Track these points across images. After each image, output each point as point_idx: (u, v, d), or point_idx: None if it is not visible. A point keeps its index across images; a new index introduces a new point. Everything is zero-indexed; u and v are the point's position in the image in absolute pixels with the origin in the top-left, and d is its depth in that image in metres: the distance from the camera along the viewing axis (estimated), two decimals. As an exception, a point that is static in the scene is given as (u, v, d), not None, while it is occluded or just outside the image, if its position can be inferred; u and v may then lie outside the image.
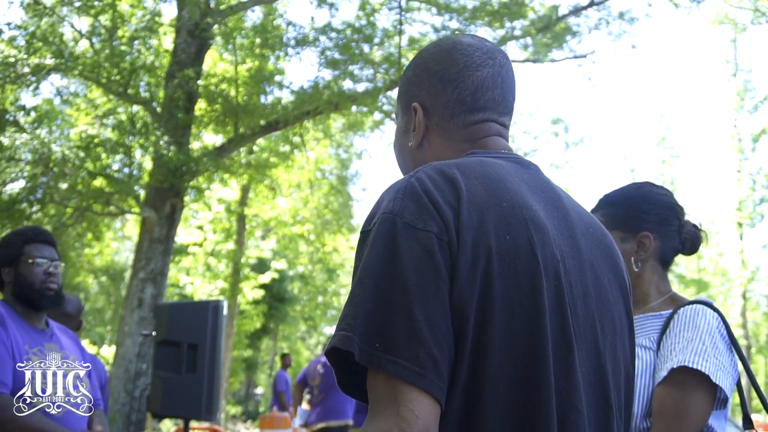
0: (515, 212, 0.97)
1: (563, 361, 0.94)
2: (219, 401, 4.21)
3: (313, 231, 17.29)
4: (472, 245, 0.92)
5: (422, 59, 1.19)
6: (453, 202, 0.94)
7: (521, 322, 0.92)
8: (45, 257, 2.59)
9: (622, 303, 1.11)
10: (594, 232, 1.11)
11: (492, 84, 1.14)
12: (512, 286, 0.92)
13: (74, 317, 3.58)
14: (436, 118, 1.15)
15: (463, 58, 1.14)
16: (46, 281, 2.55)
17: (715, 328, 1.61)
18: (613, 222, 1.77)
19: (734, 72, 21.16)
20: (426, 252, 0.90)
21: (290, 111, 10.58)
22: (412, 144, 1.17)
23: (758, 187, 20.56)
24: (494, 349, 0.90)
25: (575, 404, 0.94)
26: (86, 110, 11.51)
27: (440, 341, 0.87)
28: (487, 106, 1.14)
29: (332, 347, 0.90)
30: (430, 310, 0.88)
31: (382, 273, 0.90)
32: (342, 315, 0.91)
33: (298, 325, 25.35)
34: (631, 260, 1.75)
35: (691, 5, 11.86)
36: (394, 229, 0.92)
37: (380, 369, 0.86)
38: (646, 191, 1.81)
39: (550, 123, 17.14)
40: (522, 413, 0.90)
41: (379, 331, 0.87)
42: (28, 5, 9.97)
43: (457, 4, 11.09)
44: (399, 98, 1.23)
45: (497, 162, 1.06)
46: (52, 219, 11.45)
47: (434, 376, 0.86)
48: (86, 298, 23.46)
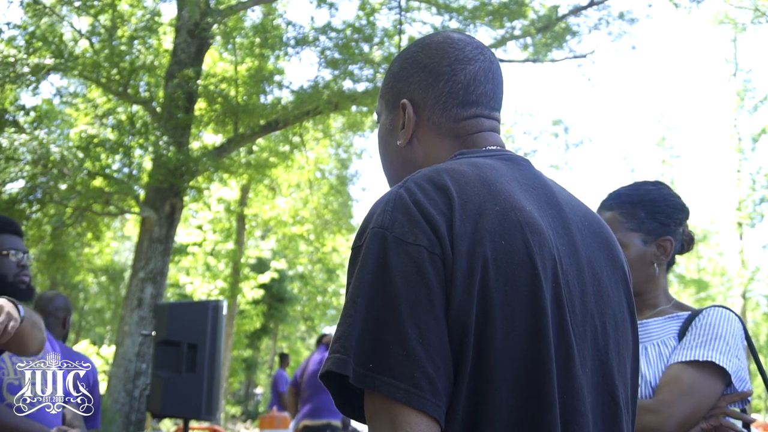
0: (509, 215, 0.95)
1: (564, 366, 0.93)
2: (219, 401, 4.21)
3: (313, 231, 17.28)
4: (468, 254, 0.90)
5: (410, 53, 1.16)
6: (445, 210, 0.92)
7: (522, 329, 0.90)
8: (17, 249, 2.47)
9: (624, 296, 1.09)
10: (590, 225, 1.09)
11: (484, 78, 1.12)
12: (511, 292, 0.90)
13: (54, 314, 3.47)
14: (427, 112, 1.11)
15: (455, 52, 1.12)
16: (19, 274, 2.44)
17: (738, 332, 1.64)
18: (635, 223, 1.76)
19: (734, 72, 21.16)
20: (417, 267, 0.88)
21: (290, 111, 10.58)
22: (401, 142, 1.13)
23: (758, 187, 20.56)
24: (496, 359, 0.88)
25: (578, 407, 0.93)
26: (86, 110, 11.51)
27: (435, 359, 0.86)
28: (479, 101, 1.12)
29: (327, 371, 0.88)
30: (422, 328, 0.86)
31: (373, 291, 0.88)
32: (335, 336, 0.90)
33: (297, 325, 25.34)
34: (653, 265, 1.75)
35: (691, 5, 11.87)
36: (385, 244, 0.89)
37: (375, 390, 0.85)
38: (666, 193, 1.80)
39: (550, 124, 17.15)
40: (527, 422, 0.89)
41: (372, 351, 0.86)
42: (27, 5, 9.96)
43: (457, 4, 11.10)
44: (383, 96, 1.18)
45: (487, 162, 1.03)
46: (51, 219, 11.45)
47: (430, 395, 0.84)
48: (86, 298, 23.47)
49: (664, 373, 1.60)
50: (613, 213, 1.77)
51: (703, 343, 1.60)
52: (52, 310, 3.46)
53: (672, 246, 1.76)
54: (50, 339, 2.70)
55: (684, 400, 1.54)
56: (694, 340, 1.62)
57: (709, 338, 1.61)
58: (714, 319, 1.65)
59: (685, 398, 1.54)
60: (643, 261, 1.74)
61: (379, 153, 1.20)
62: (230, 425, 19.01)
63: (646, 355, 1.66)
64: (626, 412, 1.03)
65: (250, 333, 20.12)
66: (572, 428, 0.92)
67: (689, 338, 1.64)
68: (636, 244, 1.74)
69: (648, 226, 1.76)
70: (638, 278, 1.72)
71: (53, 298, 3.54)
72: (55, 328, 3.46)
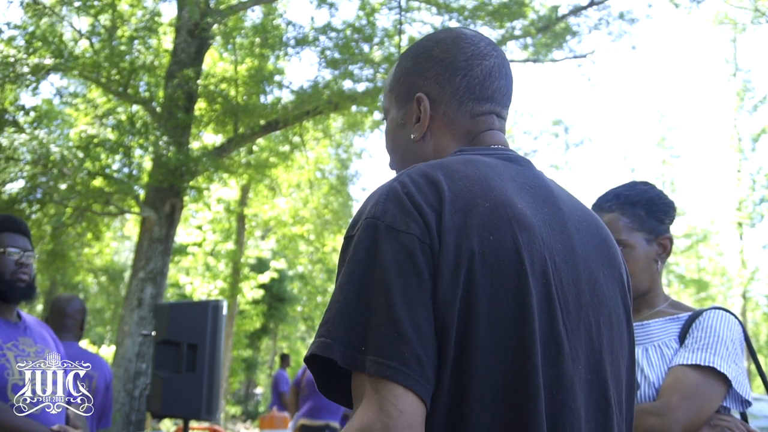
0: (499, 211, 0.96)
1: (553, 361, 0.93)
2: (219, 401, 4.21)
3: (313, 231, 17.28)
4: (455, 247, 0.91)
5: (423, 48, 1.16)
6: (435, 204, 0.93)
7: (507, 323, 0.91)
8: (17, 247, 2.47)
9: (620, 296, 1.09)
10: (588, 225, 1.09)
11: (498, 74, 1.14)
12: (497, 286, 0.91)
13: (72, 316, 3.51)
14: (443, 107, 1.12)
15: (470, 47, 1.13)
16: (17, 272, 2.44)
17: (738, 335, 1.65)
18: (638, 223, 1.76)
19: (734, 72, 21.16)
20: (408, 254, 0.89)
21: (290, 111, 10.58)
22: (414, 136, 1.14)
23: (758, 187, 20.56)
24: (479, 351, 0.89)
25: (568, 403, 0.93)
26: (86, 110, 11.51)
27: (425, 343, 0.87)
28: (494, 97, 1.13)
29: (311, 354, 0.89)
30: (413, 312, 0.87)
31: (364, 277, 0.89)
32: (322, 321, 0.91)
33: (297, 325, 25.34)
34: (657, 263, 1.75)
35: (691, 5, 11.86)
36: (376, 232, 0.91)
37: (366, 371, 0.85)
38: (659, 192, 1.82)
39: (550, 124, 17.15)
40: (509, 414, 0.89)
41: (363, 333, 0.87)
42: (27, 5, 9.96)
43: (456, 4, 11.09)
44: (392, 91, 1.19)
45: (484, 160, 1.04)
46: (51, 219, 11.45)
47: (419, 376, 0.85)
48: (86, 298, 23.45)
49: (668, 375, 1.60)
50: (614, 214, 1.78)
51: (705, 347, 1.60)
52: (71, 312, 3.50)
53: (671, 243, 1.77)
54: (55, 339, 2.71)
55: (688, 403, 1.54)
56: (696, 343, 1.62)
57: (709, 342, 1.61)
58: (714, 321, 1.65)
59: (689, 401, 1.54)
60: (648, 260, 1.75)
61: (389, 149, 1.21)
62: (230, 425, 19.00)
63: (647, 357, 1.66)
64: (618, 412, 1.03)
65: (250, 333, 20.12)
66: (561, 424, 0.92)
67: (690, 341, 1.64)
68: (641, 243, 1.75)
69: (649, 225, 1.76)
70: (644, 278, 1.73)
71: (71, 300, 3.56)
72: (73, 330, 3.48)
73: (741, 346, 1.65)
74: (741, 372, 1.60)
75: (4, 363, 2.31)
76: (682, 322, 1.70)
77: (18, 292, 2.47)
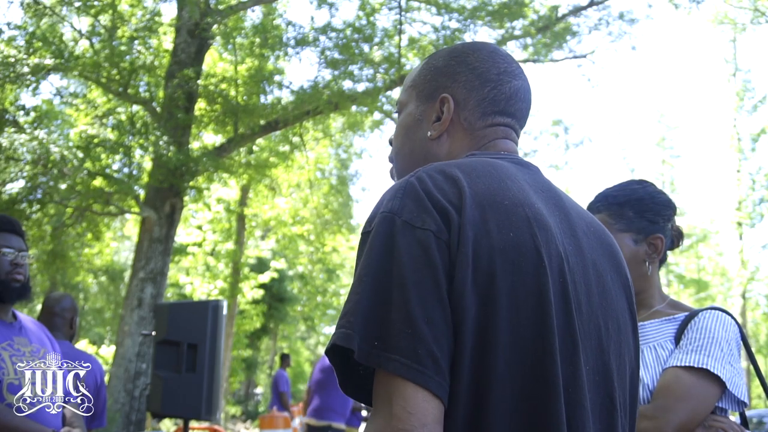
0: (517, 210, 0.97)
1: (569, 359, 0.94)
2: (219, 401, 4.21)
3: (313, 231, 17.29)
4: (474, 243, 0.91)
5: (458, 52, 1.18)
6: (455, 200, 0.94)
7: (527, 320, 0.91)
8: (12, 247, 2.48)
9: (626, 302, 1.11)
10: (595, 231, 1.11)
11: (523, 96, 1.17)
12: (517, 283, 0.92)
13: (60, 315, 3.49)
14: (466, 112, 1.14)
15: (504, 64, 1.16)
16: (12, 272, 2.45)
17: (733, 336, 1.64)
18: (625, 224, 1.76)
19: (734, 72, 21.18)
20: (424, 250, 0.90)
21: (290, 111, 10.58)
22: (431, 134, 1.15)
23: (758, 187, 20.57)
24: (500, 347, 0.89)
25: (582, 401, 0.94)
26: (86, 110, 11.51)
27: (439, 339, 0.87)
28: (515, 115, 1.17)
29: (333, 344, 0.90)
30: (428, 308, 0.87)
31: (380, 271, 0.90)
32: (342, 313, 0.91)
33: (297, 325, 25.35)
34: (646, 263, 1.75)
35: (691, 5, 11.86)
36: (393, 227, 0.92)
37: (380, 366, 0.86)
38: (652, 191, 1.80)
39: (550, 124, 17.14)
40: (531, 411, 0.89)
41: (377, 328, 0.87)
42: (27, 5, 9.96)
43: (456, 4, 11.09)
44: (415, 87, 1.20)
45: (498, 162, 1.06)
46: (51, 219, 11.45)
47: (434, 373, 0.86)
48: (86, 298, 23.46)
49: (661, 377, 1.59)
50: (601, 215, 1.77)
51: (699, 349, 1.59)
52: (59, 310, 3.48)
53: (663, 243, 1.76)
54: (51, 339, 2.70)
55: (681, 406, 1.53)
56: (690, 345, 1.61)
57: (704, 343, 1.60)
58: (709, 322, 1.64)
59: (682, 403, 1.53)
60: (636, 260, 1.74)
61: (399, 142, 1.21)
62: (230, 425, 19.00)
63: (642, 359, 1.66)
64: (623, 415, 1.04)
65: (250, 333, 20.11)
66: (575, 422, 0.93)
67: (685, 342, 1.63)
68: (627, 244, 1.74)
69: (637, 225, 1.76)
70: (632, 278, 1.73)
71: (60, 299, 3.55)
72: (63, 328, 3.47)
73: (737, 347, 1.63)
74: (736, 373, 1.59)
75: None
76: (678, 322, 1.69)
77: (13, 292, 2.47)
